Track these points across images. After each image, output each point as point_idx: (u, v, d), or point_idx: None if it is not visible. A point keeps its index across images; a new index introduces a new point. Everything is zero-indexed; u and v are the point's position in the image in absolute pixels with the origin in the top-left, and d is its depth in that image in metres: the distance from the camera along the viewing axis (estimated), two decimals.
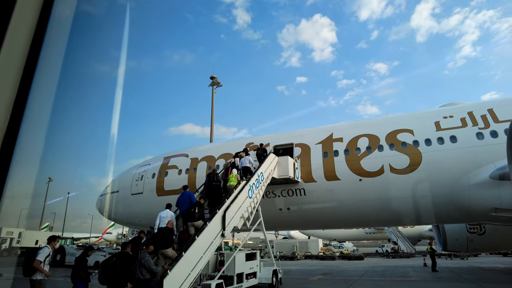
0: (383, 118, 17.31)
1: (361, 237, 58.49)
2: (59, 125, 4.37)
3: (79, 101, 21.63)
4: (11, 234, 40.30)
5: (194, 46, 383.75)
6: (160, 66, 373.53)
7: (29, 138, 1.60)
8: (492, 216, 12.31)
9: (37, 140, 1.76)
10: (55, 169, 71.06)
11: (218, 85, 29.26)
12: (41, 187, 52.52)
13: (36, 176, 2.10)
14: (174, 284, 8.18)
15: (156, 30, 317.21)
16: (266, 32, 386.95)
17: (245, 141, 16.82)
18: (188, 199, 11.27)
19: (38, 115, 1.71)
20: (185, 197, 11.42)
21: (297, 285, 15.19)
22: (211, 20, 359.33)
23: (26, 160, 1.74)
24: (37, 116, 1.66)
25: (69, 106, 5.64)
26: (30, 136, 1.59)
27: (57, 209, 63.71)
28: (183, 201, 11.37)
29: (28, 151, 1.69)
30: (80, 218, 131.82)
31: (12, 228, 39.77)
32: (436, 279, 16.77)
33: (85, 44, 4.07)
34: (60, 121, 4.28)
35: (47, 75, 1.53)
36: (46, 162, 2.78)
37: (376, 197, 13.65)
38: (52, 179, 54.78)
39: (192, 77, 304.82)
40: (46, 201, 55.27)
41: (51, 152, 3.44)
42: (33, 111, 1.55)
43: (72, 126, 50.95)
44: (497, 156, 11.75)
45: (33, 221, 57.25)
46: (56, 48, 1.63)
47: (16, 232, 40.90)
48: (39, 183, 19.21)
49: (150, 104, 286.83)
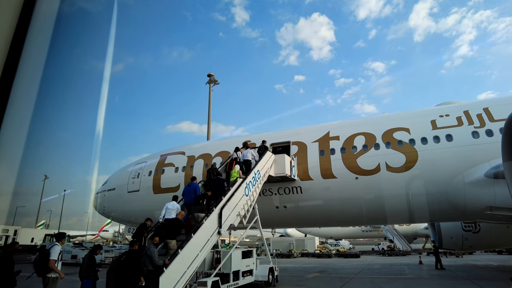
0: (380, 116, 17.36)
1: (357, 235, 58.85)
2: (55, 124, 4.33)
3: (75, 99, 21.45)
4: (7, 232, 40.13)
5: (192, 44, 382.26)
6: (158, 64, 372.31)
7: (20, 135, 1.58)
8: (487, 214, 12.41)
9: (30, 138, 1.75)
10: (51, 167, 70.74)
11: (215, 83, 29.22)
12: (37, 185, 52.27)
13: (32, 174, 2.09)
14: (170, 281, 8.18)
15: (154, 28, 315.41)
16: (264, 31, 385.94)
17: (242, 139, 16.82)
18: (193, 190, 11.56)
19: (31, 113, 1.69)
20: (190, 188, 11.71)
21: (294, 282, 15.25)
22: (209, 18, 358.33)
23: (22, 158, 1.72)
24: (30, 115, 1.64)
25: (65, 104, 5.60)
26: (20, 133, 1.57)
27: (53, 207, 63.60)
28: (188, 192, 11.65)
29: (21, 149, 1.67)
30: (76, 216, 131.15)
31: (7, 226, 39.59)
32: (430, 276, 16.90)
33: (79, 40, 4.04)
34: (56, 120, 4.25)
35: (33, 74, 1.51)
36: (42, 160, 2.77)
37: (372, 195, 13.72)
38: (48, 176, 54.58)
39: (190, 75, 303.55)
40: (42, 198, 55.09)
41: (47, 150, 3.41)
42: (24, 109, 1.54)
43: (69, 124, 50.67)
44: (492, 155, 11.83)
45: (29, 219, 56.99)
46: (60, 45, 1.61)
47: (12, 230, 40.74)
48: (35, 181, 18.84)
49: (148, 101, 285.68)
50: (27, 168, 1.90)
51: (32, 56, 1.46)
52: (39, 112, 1.79)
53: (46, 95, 2.02)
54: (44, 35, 1.58)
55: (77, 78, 11.13)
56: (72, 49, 3.59)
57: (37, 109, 1.74)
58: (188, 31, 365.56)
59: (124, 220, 20.04)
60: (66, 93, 5.27)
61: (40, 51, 1.59)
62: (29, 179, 2.82)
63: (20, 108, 1.50)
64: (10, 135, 1.40)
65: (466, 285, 13.73)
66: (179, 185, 16.59)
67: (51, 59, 1.66)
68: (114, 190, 19.28)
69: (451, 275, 17.44)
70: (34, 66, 1.55)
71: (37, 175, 53.15)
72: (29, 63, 1.41)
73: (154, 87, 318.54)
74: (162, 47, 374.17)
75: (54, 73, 2.25)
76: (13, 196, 1.97)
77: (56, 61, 2.10)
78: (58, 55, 2.16)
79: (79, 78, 20.14)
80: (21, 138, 1.66)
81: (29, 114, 1.70)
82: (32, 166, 2.03)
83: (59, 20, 1.66)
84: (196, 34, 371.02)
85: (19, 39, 1.31)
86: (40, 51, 1.59)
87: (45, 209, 64.95)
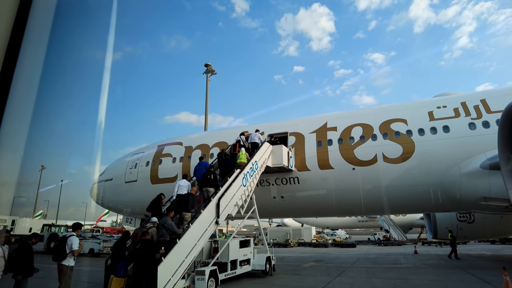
0: (377, 107, 17.35)
1: (353, 225, 59.38)
2: (52, 113, 4.29)
3: (72, 88, 21.30)
4: (4, 222, 40.11)
5: (191, 33, 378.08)
6: (156, 52, 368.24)
7: (16, 125, 1.57)
8: (481, 205, 12.56)
9: (25, 128, 1.73)
10: (48, 157, 70.45)
11: (212, 72, 28.98)
12: (34, 175, 52.11)
13: (29, 164, 2.08)
14: (168, 270, 8.27)
15: (152, 16, 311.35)
16: (264, 21, 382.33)
17: (240, 129, 16.76)
18: (204, 167, 12.52)
19: (33, 103, 1.67)
20: (201, 166, 12.72)
21: (290, 271, 15.43)
22: (209, 7, 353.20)
23: (17, 148, 1.71)
24: (25, 103, 1.63)
25: (65, 94, 5.56)
26: (17, 123, 1.56)
27: (51, 197, 63.50)
28: (199, 169, 12.65)
29: (17, 139, 1.66)
30: (74, 206, 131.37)
31: (5, 216, 39.57)
32: (425, 266, 17.16)
33: (80, 30, 3.99)
34: (54, 110, 4.21)
35: (31, 63, 1.48)
36: (38, 150, 2.75)
37: (369, 186, 13.81)
38: (45, 167, 54.38)
39: (188, 66, 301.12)
40: (39, 189, 55.01)
41: (43, 140, 3.39)
42: (20, 98, 1.52)
43: (65, 114, 50.27)
44: (489, 146, 11.91)
45: (26, 209, 57.00)
46: (61, 35, 1.58)
47: (9, 220, 40.72)
48: (32, 171, 18.78)
49: (146, 92, 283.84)
50: (24, 159, 1.89)
51: (32, 47, 1.44)
52: (39, 103, 1.77)
53: (47, 85, 2.00)
54: (44, 24, 1.56)
55: (77, 68, 11.11)
56: (73, 39, 3.55)
57: (38, 99, 1.72)
58: (188, 22, 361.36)
59: (121, 210, 20.08)
60: (67, 84, 5.24)
61: (41, 40, 1.57)
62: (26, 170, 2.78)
63: (21, 99, 1.49)
64: (13, 126, 1.40)
65: (460, 274, 13.96)
66: (176, 176, 16.60)
67: (51, 49, 1.64)
68: (112, 180, 19.27)
69: (446, 264, 17.72)
70: (34, 57, 1.54)
71: (34, 165, 52.99)
72: (29, 54, 1.39)
73: (153, 77, 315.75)
74: (160, 34, 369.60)
75: (55, 64, 2.22)
76: (10, 186, 1.96)
77: (57, 52, 2.07)
78: (59, 44, 2.13)
79: (80, 68, 19.80)
80: (22, 129, 1.65)
81: (31, 105, 1.68)
82: (29, 156, 2.01)
83: (59, 9, 1.63)
84: (196, 24, 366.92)
85: (19, 30, 1.30)
86: (41, 41, 1.57)
87: (42, 199, 64.93)
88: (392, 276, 13.85)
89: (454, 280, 12.55)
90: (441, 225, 20.59)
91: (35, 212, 57.28)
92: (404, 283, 12.36)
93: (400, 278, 13.24)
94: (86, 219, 64.41)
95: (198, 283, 9.74)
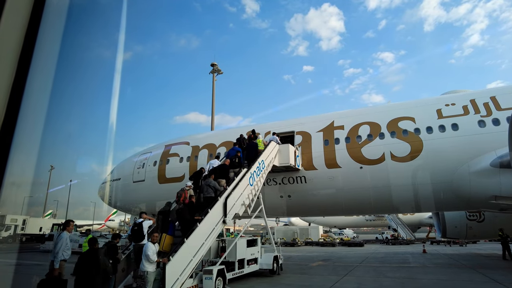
0: (385, 105, 17.20)
1: (361, 224, 59.00)
2: (60, 113, 4.36)
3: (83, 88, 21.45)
4: (15, 221, 40.78)
5: (201, 32, 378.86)
6: (166, 52, 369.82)
7: (28, 125, 1.59)
8: (492, 203, 12.38)
9: (37, 128, 1.76)
10: (57, 157, 71.26)
11: (218, 72, 29.07)
12: (44, 175, 52.80)
13: (38, 164, 2.11)
14: (176, 269, 8.33)
15: (162, 15, 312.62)
16: (274, 21, 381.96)
17: (246, 128, 16.77)
18: (236, 151, 13.44)
19: (38, 102, 1.70)
20: (234, 150, 13.52)
21: (298, 271, 15.42)
22: (220, 8, 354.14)
23: (27, 148, 1.74)
24: (37, 104, 1.65)
25: (74, 94, 5.64)
26: (29, 123, 1.58)
27: (60, 197, 64.27)
28: (233, 150, 13.64)
29: (29, 139, 1.69)
30: (82, 206, 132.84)
31: (16, 216, 40.23)
32: (434, 265, 16.99)
33: (87, 30, 4.03)
34: (62, 109, 4.27)
35: (45, 63, 1.51)
36: (48, 150, 2.79)
37: (377, 185, 13.70)
38: (54, 167, 55.02)
39: (198, 66, 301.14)
40: (48, 188, 55.72)
41: (52, 140, 3.43)
42: (32, 99, 1.54)
43: (75, 114, 50.78)
44: (499, 144, 11.73)
45: (36, 209, 57.75)
46: (73, 37, 1.60)
47: (20, 219, 41.39)
48: (41, 171, 18.94)
49: (156, 92, 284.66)
50: (36, 159, 1.92)
51: (46, 48, 1.47)
52: (52, 104, 1.81)
53: (60, 86, 2.03)
54: (57, 26, 1.58)
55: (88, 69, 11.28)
56: (85, 40, 3.58)
57: (51, 100, 1.75)
58: (198, 23, 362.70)
59: (129, 209, 20.27)
60: (78, 84, 5.32)
61: (54, 42, 1.59)
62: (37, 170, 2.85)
63: (35, 100, 1.52)
64: (27, 127, 1.43)
65: (470, 273, 13.80)
66: (184, 175, 16.69)
67: (64, 50, 1.67)
68: (120, 180, 19.47)
69: (455, 263, 17.53)
70: (48, 58, 1.56)
71: (44, 165, 53.72)
72: (43, 56, 1.42)
73: (162, 77, 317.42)
74: (170, 34, 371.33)
75: (67, 65, 2.25)
76: (20, 186, 1.99)
77: (69, 53, 2.10)
78: (72, 45, 2.16)
79: (91, 69, 20.02)
80: (36, 130, 1.68)
81: (45, 106, 1.72)
82: (41, 156, 2.05)
83: (71, 10, 1.66)
84: (206, 25, 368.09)
85: (32, 32, 1.32)
86: (54, 42, 1.60)
87: (52, 199, 65.76)
88: (401, 275, 13.75)
89: (464, 280, 12.42)
90: (450, 224, 20.34)
91: (44, 212, 58.08)
92: (413, 282, 12.26)
93: (408, 277, 13.14)
94: (94, 218, 65.13)
95: (206, 282, 9.79)
